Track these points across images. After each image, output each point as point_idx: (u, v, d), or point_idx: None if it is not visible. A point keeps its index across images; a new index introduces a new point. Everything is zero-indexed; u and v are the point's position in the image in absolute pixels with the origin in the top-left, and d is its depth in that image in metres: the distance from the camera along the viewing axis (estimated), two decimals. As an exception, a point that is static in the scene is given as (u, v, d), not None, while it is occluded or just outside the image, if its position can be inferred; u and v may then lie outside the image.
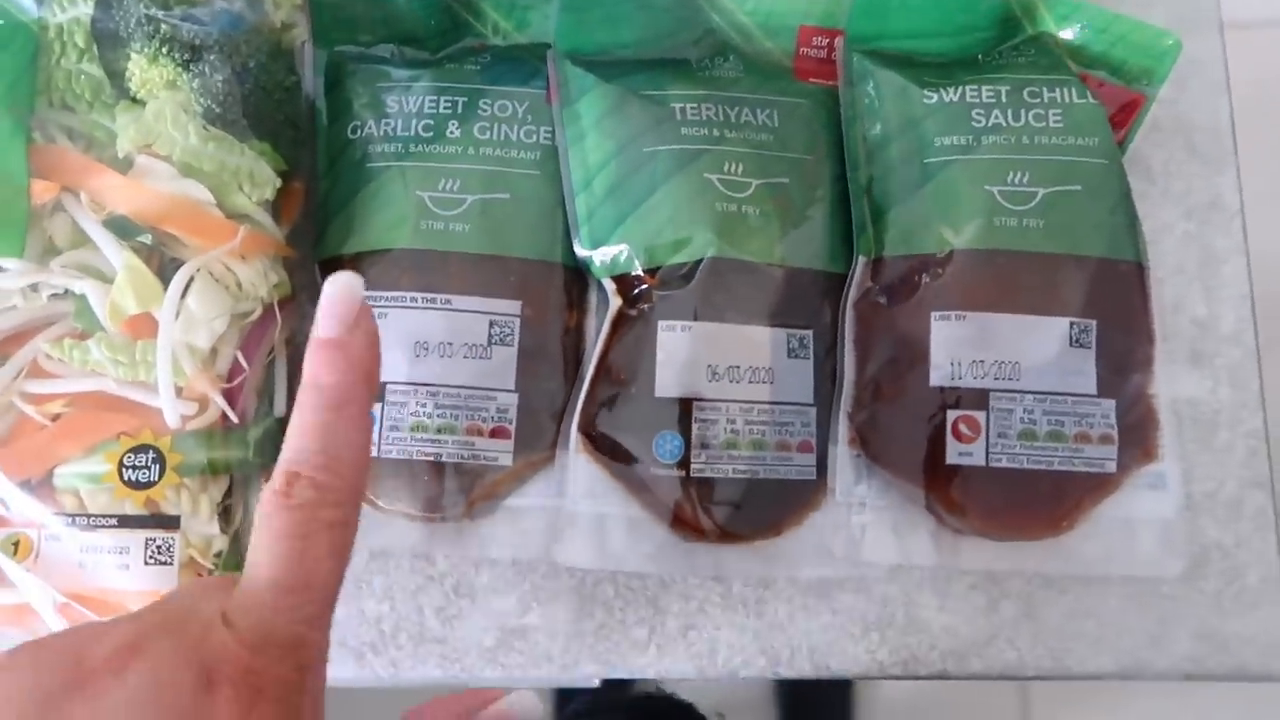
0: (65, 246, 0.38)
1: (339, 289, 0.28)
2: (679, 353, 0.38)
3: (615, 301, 0.40)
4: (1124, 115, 0.41)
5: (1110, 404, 0.38)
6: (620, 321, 0.40)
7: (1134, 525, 0.39)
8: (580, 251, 0.40)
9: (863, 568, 0.39)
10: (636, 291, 0.40)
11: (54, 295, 0.38)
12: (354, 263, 0.41)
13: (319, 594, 0.26)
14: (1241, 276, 0.42)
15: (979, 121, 0.40)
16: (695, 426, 0.38)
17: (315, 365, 0.28)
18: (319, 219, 0.42)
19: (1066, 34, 0.42)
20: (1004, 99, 0.40)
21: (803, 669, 0.39)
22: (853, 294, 0.40)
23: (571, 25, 0.42)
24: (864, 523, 0.39)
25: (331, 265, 0.41)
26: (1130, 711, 1.06)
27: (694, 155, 0.40)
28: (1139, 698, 1.06)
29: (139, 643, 0.24)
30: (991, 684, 1.05)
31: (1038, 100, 0.40)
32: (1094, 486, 0.38)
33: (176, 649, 0.24)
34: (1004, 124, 0.40)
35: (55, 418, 0.37)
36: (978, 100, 0.40)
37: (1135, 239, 0.39)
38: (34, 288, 0.38)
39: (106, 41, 0.38)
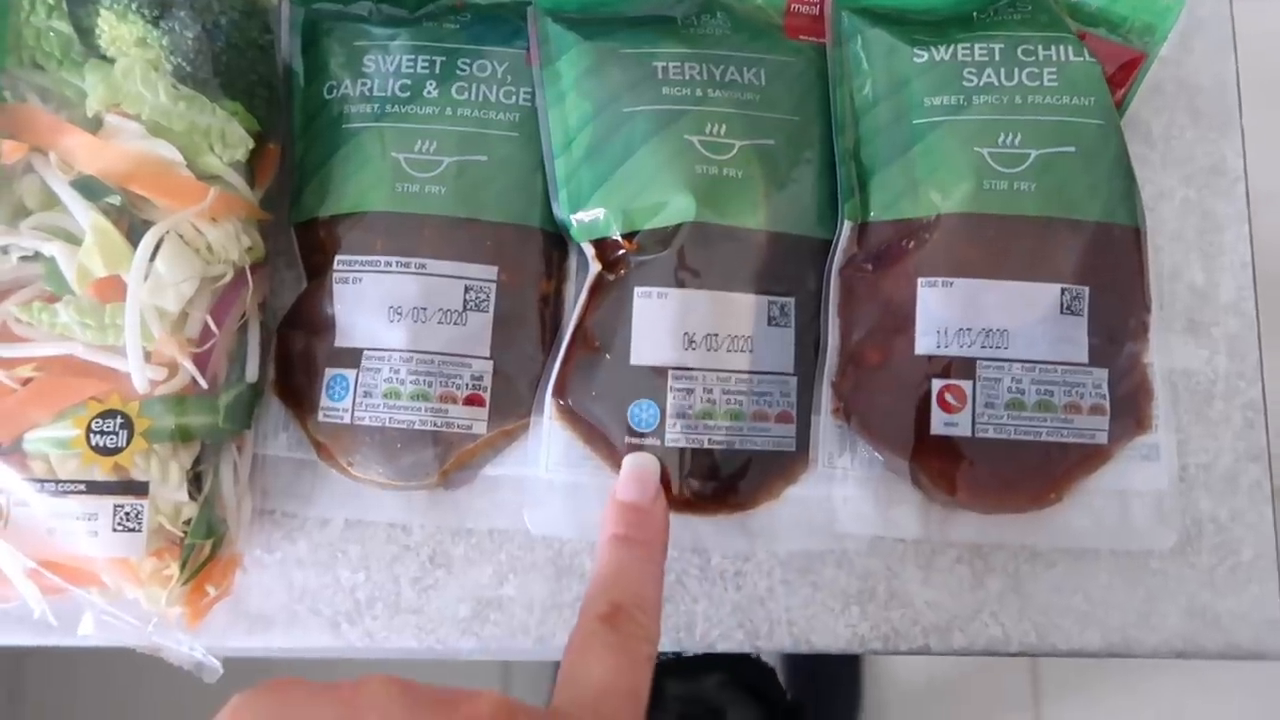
0: (35, 208, 0.38)
1: (642, 462, 0.36)
2: (655, 320, 0.37)
3: (594, 266, 0.39)
4: (1124, 74, 0.40)
5: (1103, 373, 0.37)
6: (598, 287, 0.39)
7: (1126, 497, 0.38)
8: (559, 214, 0.39)
9: (844, 540, 0.38)
10: (615, 257, 0.39)
11: (24, 258, 0.37)
12: (330, 226, 0.40)
13: (641, 707, 0.30)
14: (1243, 244, 0.40)
15: (970, 81, 0.38)
16: (671, 396, 0.37)
17: (623, 523, 0.34)
18: (294, 181, 0.41)
19: (1065, -11, 0.40)
20: (997, 57, 0.39)
21: (782, 643, 0.39)
22: (838, 260, 0.39)
23: (552, -19, 0.41)
24: (846, 494, 0.38)
25: (307, 229, 0.41)
26: (1139, 690, 1.05)
27: (674, 116, 0.39)
28: (1149, 677, 1.05)
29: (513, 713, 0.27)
30: (1002, 662, 1.05)
31: (1032, 59, 0.39)
32: (1084, 458, 0.37)
33: None
34: (996, 83, 0.38)
35: (25, 382, 0.36)
36: (970, 59, 0.39)
37: (1132, 203, 0.38)
38: (4, 250, 0.37)
39: (76, -2, 0.37)
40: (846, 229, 0.39)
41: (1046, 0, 0.40)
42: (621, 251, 0.39)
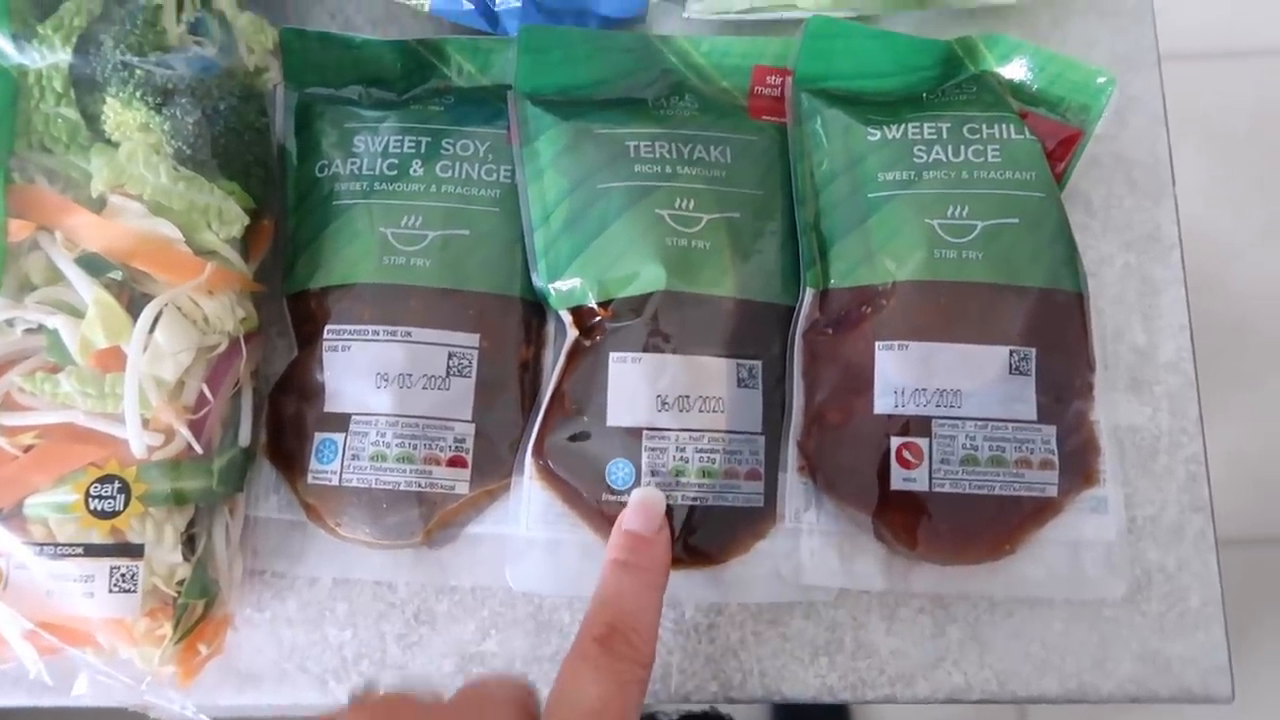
0: (40, 283, 0.40)
1: (649, 496, 0.38)
2: (630, 383, 0.39)
3: (572, 333, 0.41)
4: (1063, 149, 0.43)
5: (1051, 430, 0.39)
6: (576, 352, 0.41)
7: (1077, 548, 0.39)
8: (538, 284, 0.42)
9: (811, 593, 0.40)
10: (591, 323, 0.41)
11: (28, 330, 0.39)
12: (320, 297, 0.42)
13: None
14: (1180, 306, 0.43)
15: (920, 157, 0.41)
16: (646, 455, 0.39)
17: (626, 549, 0.36)
18: (287, 255, 0.43)
19: (1007, 72, 0.43)
20: (945, 135, 0.42)
21: (754, 693, 0.40)
22: (801, 325, 0.41)
23: (531, 67, 0.43)
24: (812, 548, 0.40)
25: (299, 300, 0.43)
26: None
27: (646, 191, 0.41)
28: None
29: None
30: (991, 706, 1.05)
31: (977, 136, 0.41)
32: (1035, 510, 0.39)
33: None
34: (944, 159, 0.41)
35: (27, 449, 0.38)
36: (919, 137, 0.42)
37: (1074, 269, 0.41)
38: (9, 323, 0.39)
39: (83, 86, 0.40)
40: (808, 295, 0.41)
41: (990, 82, 0.43)
42: (598, 319, 0.41)
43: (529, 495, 0.40)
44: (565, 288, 0.41)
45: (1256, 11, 1.22)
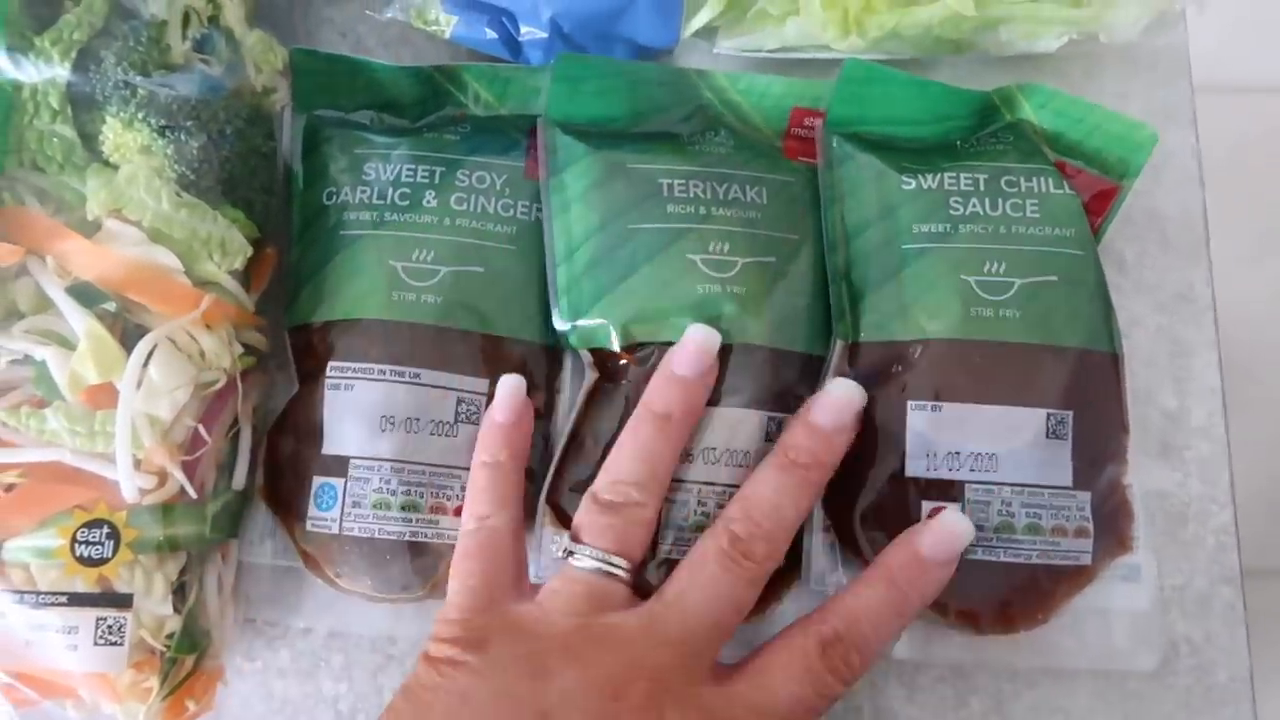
0: (29, 311, 0.37)
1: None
2: (652, 434, 0.38)
3: (591, 374, 0.40)
4: (1099, 204, 0.42)
5: (1086, 496, 0.38)
6: (596, 395, 0.39)
7: (1108, 618, 0.38)
8: (558, 323, 0.40)
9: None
10: (613, 366, 0.39)
11: (14, 361, 0.37)
12: (324, 331, 0.40)
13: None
14: (1212, 370, 0.42)
15: (956, 209, 0.40)
16: (666, 506, 0.37)
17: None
18: (290, 285, 0.41)
19: (1044, 122, 0.42)
20: (982, 187, 0.40)
21: (769, 760, 0.39)
22: (830, 378, 0.39)
23: (564, 95, 0.42)
24: (835, 612, 0.38)
25: (300, 333, 0.41)
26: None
27: (678, 234, 0.39)
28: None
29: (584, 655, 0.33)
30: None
31: (1015, 189, 0.40)
32: (1070, 579, 0.38)
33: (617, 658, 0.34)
34: (981, 212, 0.40)
35: (8, 488, 0.36)
36: (955, 188, 0.40)
37: (1110, 330, 0.39)
38: (-6, 352, 0.37)
39: (81, 104, 0.37)
40: (838, 348, 0.39)
41: (1026, 131, 0.42)
42: (622, 362, 0.39)
43: (544, 541, 0.38)
44: (587, 329, 0.39)
45: (1240, 48, 1.23)
